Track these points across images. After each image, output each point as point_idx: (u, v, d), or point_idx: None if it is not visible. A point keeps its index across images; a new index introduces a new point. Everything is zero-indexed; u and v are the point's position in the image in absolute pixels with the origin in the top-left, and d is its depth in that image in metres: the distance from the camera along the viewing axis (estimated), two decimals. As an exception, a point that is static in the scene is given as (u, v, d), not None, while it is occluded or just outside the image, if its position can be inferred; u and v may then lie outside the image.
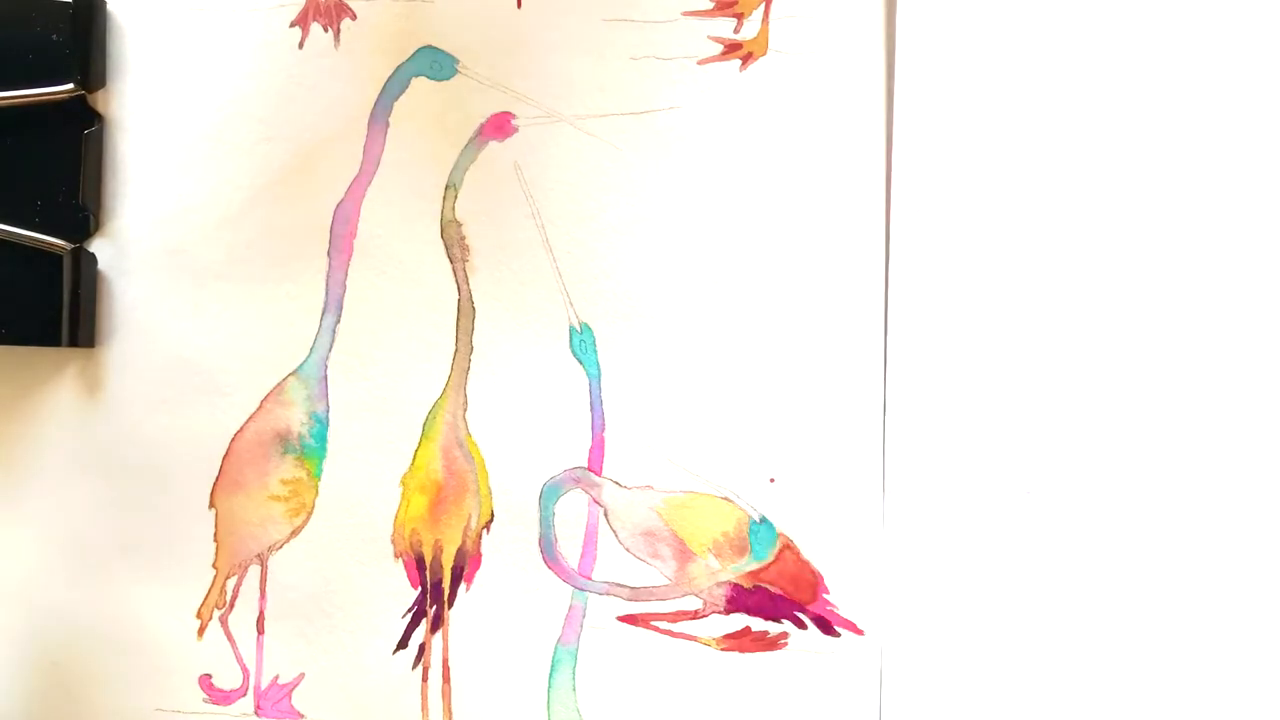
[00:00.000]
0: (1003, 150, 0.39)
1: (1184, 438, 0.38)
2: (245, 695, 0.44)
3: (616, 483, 0.41)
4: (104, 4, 0.46)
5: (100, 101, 0.46)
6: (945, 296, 0.39)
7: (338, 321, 0.44)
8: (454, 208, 0.43)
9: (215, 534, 0.45)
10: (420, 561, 0.43)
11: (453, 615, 0.43)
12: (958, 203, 0.39)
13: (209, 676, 0.45)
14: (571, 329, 0.42)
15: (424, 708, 0.43)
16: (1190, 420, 0.38)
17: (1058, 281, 0.38)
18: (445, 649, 0.43)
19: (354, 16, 0.44)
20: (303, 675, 0.44)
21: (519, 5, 0.43)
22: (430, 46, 0.43)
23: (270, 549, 0.44)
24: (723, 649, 0.40)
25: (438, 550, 0.43)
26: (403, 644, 0.43)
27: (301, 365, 0.44)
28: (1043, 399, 0.38)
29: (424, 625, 0.43)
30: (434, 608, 0.43)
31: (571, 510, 0.42)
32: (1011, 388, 0.38)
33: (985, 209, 0.39)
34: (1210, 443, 0.37)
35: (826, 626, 0.40)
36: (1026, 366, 0.38)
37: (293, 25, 0.45)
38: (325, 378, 0.44)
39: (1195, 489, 0.37)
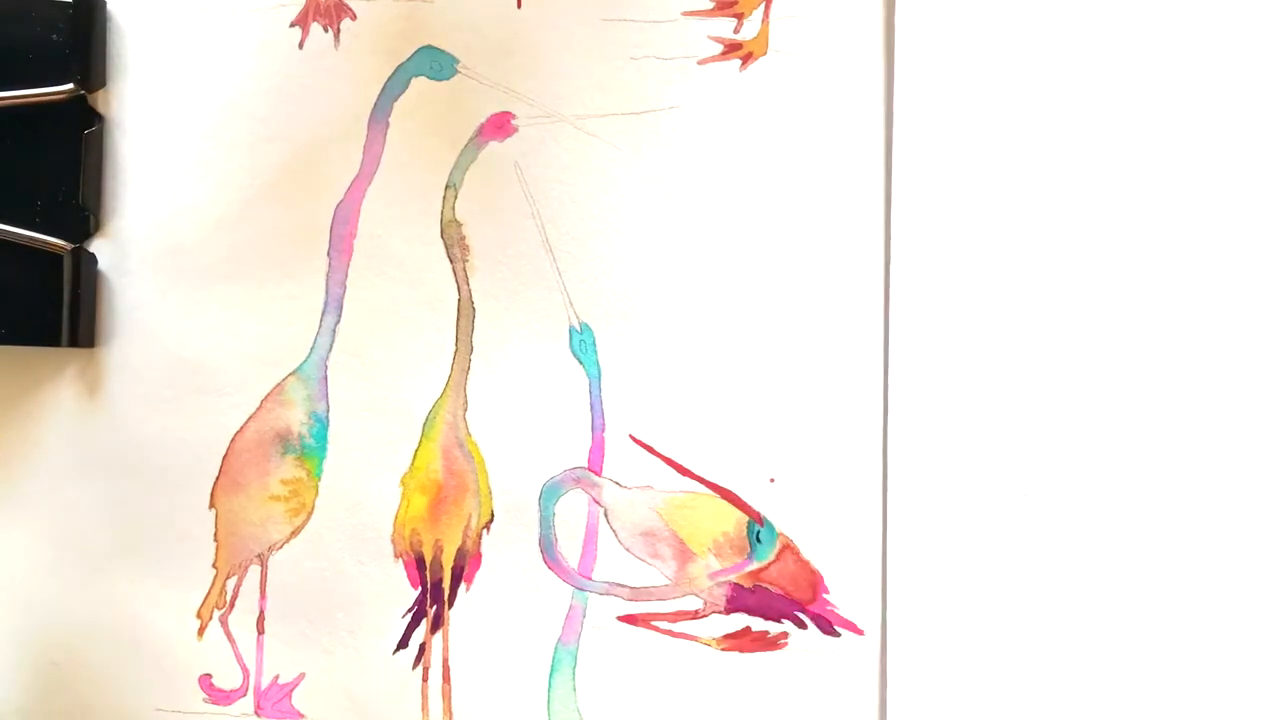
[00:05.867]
0: (1002, 150, 0.39)
1: (1182, 440, 0.38)
2: (245, 695, 0.44)
3: (616, 483, 0.41)
4: (104, 4, 0.46)
5: (100, 101, 0.46)
6: (945, 297, 0.39)
7: (338, 321, 0.44)
8: (454, 208, 0.43)
9: (215, 534, 0.45)
10: (420, 561, 0.43)
11: (453, 615, 0.43)
12: (957, 203, 0.39)
13: (209, 676, 0.45)
14: (571, 329, 0.42)
15: (424, 707, 0.43)
16: (1188, 423, 0.38)
17: (1058, 283, 0.38)
18: (445, 649, 0.43)
19: (354, 16, 0.44)
20: (303, 675, 0.44)
21: (519, 5, 0.43)
22: (430, 46, 0.43)
23: (270, 549, 0.44)
24: (723, 649, 0.40)
25: (438, 550, 0.43)
26: (403, 644, 0.43)
27: (301, 365, 0.44)
28: (1042, 401, 0.38)
29: (424, 625, 0.43)
30: (434, 608, 0.43)
31: (571, 510, 0.42)
32: (1011, 389, 0.38)
33: (985, 209, 0.39)
34: (1208, 445, 0.37)
35: (826, 626, 0.40)
36: (1026, 368, 0.38)
37: (293, 25, 0.45)
38: (325, 378, 0.44)
39: (1193, 491, 0.38)
